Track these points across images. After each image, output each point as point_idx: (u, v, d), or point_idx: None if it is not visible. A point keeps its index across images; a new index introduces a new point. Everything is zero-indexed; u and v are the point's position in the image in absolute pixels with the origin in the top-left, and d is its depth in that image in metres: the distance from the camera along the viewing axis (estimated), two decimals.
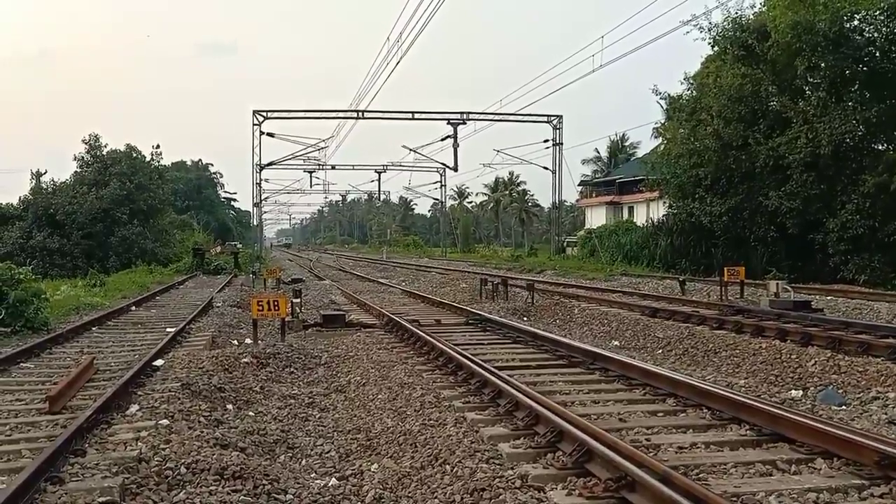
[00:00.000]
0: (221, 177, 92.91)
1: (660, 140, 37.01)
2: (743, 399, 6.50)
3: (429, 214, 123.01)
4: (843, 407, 7.39)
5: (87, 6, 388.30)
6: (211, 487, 4.97)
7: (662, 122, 35.08)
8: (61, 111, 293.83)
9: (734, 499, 4.47)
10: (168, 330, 13.08)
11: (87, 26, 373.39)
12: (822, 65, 23.64)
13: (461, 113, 42.58)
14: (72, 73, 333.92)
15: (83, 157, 40.19)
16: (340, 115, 43.58)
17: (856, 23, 23.86)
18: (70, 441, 5.63)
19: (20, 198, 38.57)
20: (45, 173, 39.93)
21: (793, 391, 8.23)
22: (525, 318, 15.67)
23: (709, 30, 26.71)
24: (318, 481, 5.53)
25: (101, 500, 4.58)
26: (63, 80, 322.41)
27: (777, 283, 15.23)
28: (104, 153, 40.11)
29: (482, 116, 44.03)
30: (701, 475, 4.93)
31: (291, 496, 5.13)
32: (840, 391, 8.02)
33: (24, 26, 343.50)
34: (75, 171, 40.17)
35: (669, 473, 4.46)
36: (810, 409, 7.17)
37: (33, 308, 13.68)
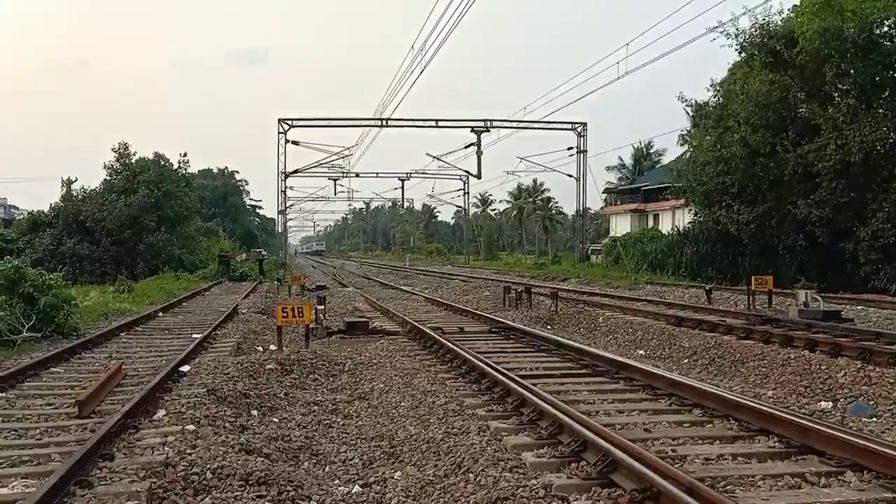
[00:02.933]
0: (247, 184, 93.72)
1: (686, 147, 36.66)
2: (771, 410, 6.41)
3: (452, 222, 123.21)
4: (874, 419, 7.27)
5: (123, 16, 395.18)
6: (236, 493, 5.03)
7: (688, 129, 34.74)
8: (91, 120, 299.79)
9: None
10: (194, 336, 13.23)
11: (121, 36, 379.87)
12: (852, 71, 23.29)
13: (485, 121, 42.66)
14: (103, 82, 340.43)
15: (112, 165, 40.76)
16: (364, 123, 43.92)
17: (885, 29, 23.51)
18: (99, 445, 5.70)
19: (51, 205, 39.12)
20: (75, 181, 40.32)
21: (822, 403, 8.11)
22: (549, 327, 15.61)
23: (736, 36, 26.50)
24: (341, 488, 5.55)
25: None
26: (94, 90, 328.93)
27: (806, 293, 14.95)
28: (133, 161, 40.68)
29: (506, 124, 44.11)
30: (728, 487, 4.87)
31: (315, 503, 5.15)
32: (870, 403, 7.88)
33: (58, 37, 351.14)
34: (105, 179, 40.72)
35: (695, 485, 4.41)
36: (840, 420, 7.05)
37: (63, 313, 13.90)
